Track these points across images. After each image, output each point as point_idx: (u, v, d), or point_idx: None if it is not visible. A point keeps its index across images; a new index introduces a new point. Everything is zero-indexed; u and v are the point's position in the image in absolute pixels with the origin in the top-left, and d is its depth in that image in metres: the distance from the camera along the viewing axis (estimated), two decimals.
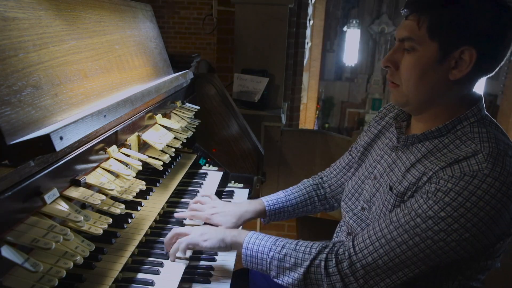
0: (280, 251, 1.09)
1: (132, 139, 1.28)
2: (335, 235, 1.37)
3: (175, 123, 1.53)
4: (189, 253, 1.22)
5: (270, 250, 1.10)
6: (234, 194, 1.84)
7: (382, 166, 1.17)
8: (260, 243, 1.13)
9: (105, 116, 1.00)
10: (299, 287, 1.07)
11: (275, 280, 1.11)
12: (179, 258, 1.18)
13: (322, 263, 1.03)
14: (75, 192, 0.93)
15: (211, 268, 1.27)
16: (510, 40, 0.94)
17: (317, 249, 1.06)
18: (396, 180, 1.06)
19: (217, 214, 1.35)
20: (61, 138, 0.80)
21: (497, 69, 0.99)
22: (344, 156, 1.44)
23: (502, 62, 0.97)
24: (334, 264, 1.02)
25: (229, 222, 1.34)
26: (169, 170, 1.59)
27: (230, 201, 1.77)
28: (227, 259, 1.33)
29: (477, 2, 0.92)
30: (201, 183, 1.73)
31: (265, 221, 1.47)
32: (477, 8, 0.91)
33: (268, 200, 1.44)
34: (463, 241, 0.90)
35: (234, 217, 1.36)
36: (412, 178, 1.01)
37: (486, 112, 1.03)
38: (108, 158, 1.11)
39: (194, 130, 1.71)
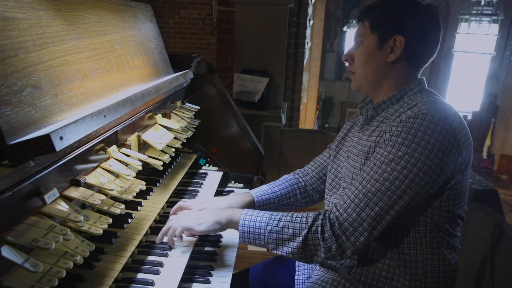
0: (277, 224, 1.16)
1: (132, 139, 1.28)
2: None
3: (175, 123, 1.53)
4: (186, 239, 1.24)
5: (267, 224, 1.17)
6: None
7: (352, 145, 1.33)
8: (256, 219, 1.18)
9: (105, 116, 1.00)
10: (298, 255, 1.14)
11: (274, 251, 1.17)
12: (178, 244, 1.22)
13: (319, 229, 1.11)
14: (75, 192, 0.93)
15: (211, 268, 1.27)
16: (431, 30, 1.21)
17: (313, 217, 1.14)
18: (362, 147, 1.24)
19: (204, 209, 1.35)
20: (61, 138, 0.80)
21: (428, 60, 1.24)
22: (323, 152, 1.57)
23: (432, 52, 1.23)
24: (328, 228, 1.11)
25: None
26: (169, 170, 1.59)
27: None
28: (227, 259, 1.33)
29: (401, 3, 1.22)
30: (201, 183, 1.73)
31: None
32: (402, 7, 1.22)
33: (255, 192, 1.48)
34: (424, 174, 1.06)
35: (222, 208, 1.35)
36: (373, 138, 1.20)
37: (428, 88, 1.25)
38: (108, 158, 1.11)
39: (194, 130, 1.71)
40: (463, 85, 8.74)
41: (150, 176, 1.48)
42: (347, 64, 1.34)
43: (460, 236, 1.23)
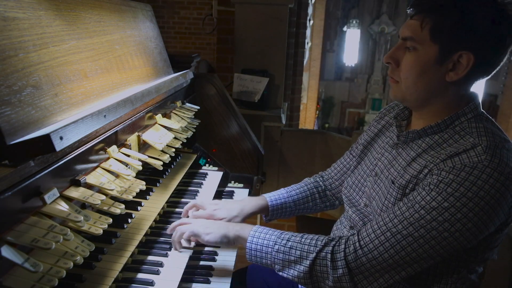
0: (285, 244, 1.10)
1: (132, 139, 1.28)
2: (334, 227, 1.37)
3: (175, 123, 1.53)
4: (191, 244, 1.23)
5: (275, 244, 1.11)
6: (234, 194, 1.84)
7: (382, 163, 1.19)
8: (265, 237, 1.13)
9: (105, 116, 1.00)
10: (304, 280, 1.07)
11: (280, 273, 1.11)
12: (184, 248, 1.21)
13: (329, 256, 1.04)
14: (75, 192, 0.93)
15: (211, 268, 1.27)
16: (507, 47, 0.99)
17: (323, 242, 1.07)
18: (397, 174, 1.09)
19: (219, 209, 1.35)
20: (61, 138, 0.80)
21: (493, 72, 1.03)
22: (344, 155, 1.46)
23: (499, 67, 1.02)
24: (341, 257, 1.03)
25: (232, 216, 1.34)
26: (169, 170, 1.59)
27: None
28: (227, 259, 1.33)
29: (480, 8, 0.95)
30: (201, 183, 1.73)
31: (266, 218, 1.47)
32: (479, 15, 0.95)
33: (270, 196, 1.45)
34: (466, 231, 0.93)
35: (236, 210, 1.36)
36: (413, 171, 1.04)
37: (482, 110, 1.08)
38: (108, 158, 1.11)
39: (194, 130, 1.71)
40: None
41: (150, 176, 1.48)
42: (389, 66, 1.11)
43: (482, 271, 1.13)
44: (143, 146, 1.37)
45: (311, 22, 8.11)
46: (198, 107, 1.82)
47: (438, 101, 1.06)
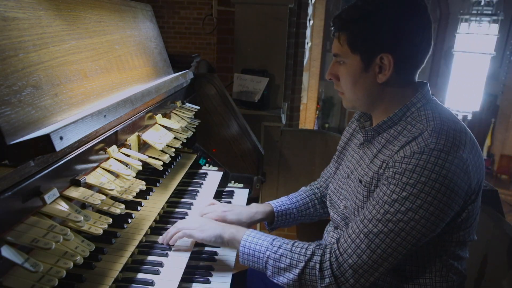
0: (276, 251, 1.12)
1: (132, 139, 1.28)
2: (325, 231, 1.40)
3: (175, 123, 1.53)
4: (188, 242, 1.25)
5: (266, 250, 1.13)
6: (234, 194, 1.84)
7: (352, 164, 1.25)
8: (257, 242, 1.15)
9: (105, 116, 1.00)
10: (294, 287, 1.10)
11: (271, 278, 1.14)
12: (182, 249, 1.22)
13: (317, 265, 1.06)
14: (75, 192, 0.93)
15: (211, 268, 1.27)
16: (423, 38, 1.04)
17: (311, 251, 1.09)
18: (363, 173, 1.14)
19: (229, 212, 1.38)
20: (61, 138, 0.80)
21: (424, 62, 1.09)
22: (330, 163, 1.52)
23: (426, 55, 1.08)
24: (327, 266, 1.06)
25: (241, 222, 1.37)
26: (169, 170, 1.59)
27: (230, 201, 1.77)
28: (227, 259, 1.33)
29: (384, 13, 1.02)
30: (201, 183, 1.73)
31: (270, 226, 1.49)
32: (383, 18, 1.02)
33: (275, 202, 1.48)
34: (430, 215, 0.97)
35: (245, 217, 1.39)
36: (375, 167, 1.10)
37: (433, 97, 1.12)
38: (108, 158, 1.11)
39: (194, 130, 1.71)
40: (463, 85, 8.73)
41: (150, 176, 1.48)
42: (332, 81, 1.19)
43: (468, 257, 1.17)
44: (143, 146, 1.37)
45: (311, 22, 8.11)
46: (198, 107, 1.82)
47: (384, 101, 1.12)
